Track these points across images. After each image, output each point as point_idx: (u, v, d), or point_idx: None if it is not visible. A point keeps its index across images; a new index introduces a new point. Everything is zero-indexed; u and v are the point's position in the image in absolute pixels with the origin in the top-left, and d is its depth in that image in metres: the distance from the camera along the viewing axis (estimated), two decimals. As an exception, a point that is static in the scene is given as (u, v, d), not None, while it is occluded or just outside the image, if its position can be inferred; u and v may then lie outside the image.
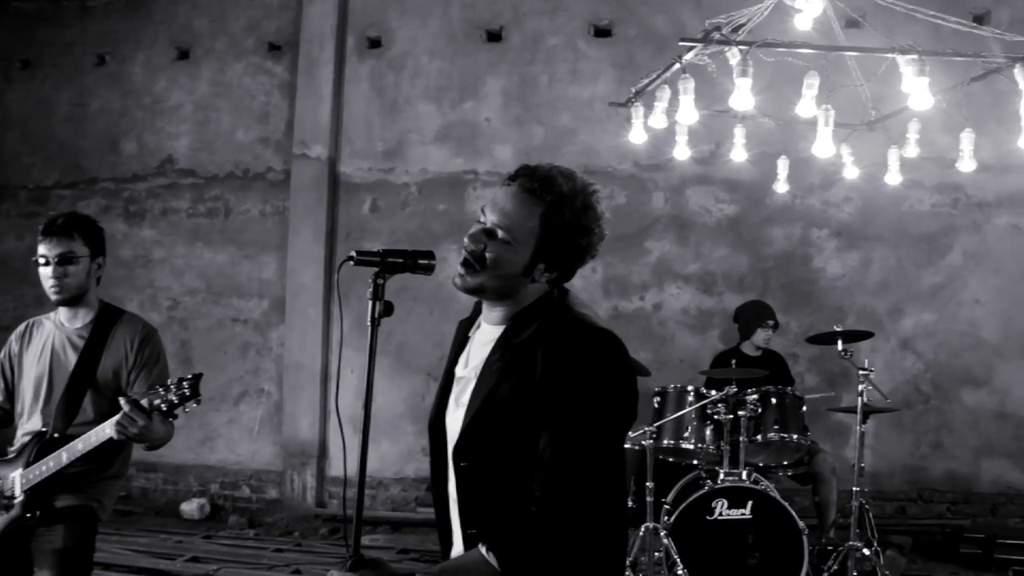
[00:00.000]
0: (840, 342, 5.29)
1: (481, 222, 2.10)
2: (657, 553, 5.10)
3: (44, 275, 3.40)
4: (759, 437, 5.42)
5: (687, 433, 5.44)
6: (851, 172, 5.96)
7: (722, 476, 5.17)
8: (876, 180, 6.22)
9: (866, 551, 5.06)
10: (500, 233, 2.06)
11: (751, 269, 7.30)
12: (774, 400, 5.48)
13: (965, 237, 7.08)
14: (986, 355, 7.02)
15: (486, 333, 2.18)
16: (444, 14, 7.80)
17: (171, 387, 3.08)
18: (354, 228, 7.84)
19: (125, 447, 3.43)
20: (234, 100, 8.20)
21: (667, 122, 4.89)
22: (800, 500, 6.04)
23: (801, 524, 4.99)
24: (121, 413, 3.05)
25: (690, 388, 5.56)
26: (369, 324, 2.12)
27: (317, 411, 7.65)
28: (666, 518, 5.11)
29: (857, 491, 5.12)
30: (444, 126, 7.74)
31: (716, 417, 5.38)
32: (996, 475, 6.97)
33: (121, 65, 8.45)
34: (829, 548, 5.37)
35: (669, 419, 5.45)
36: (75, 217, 3.49)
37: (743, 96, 3.97)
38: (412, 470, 7.39)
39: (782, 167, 6.02)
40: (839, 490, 5.77)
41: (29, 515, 3.28)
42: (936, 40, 5.31)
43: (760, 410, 5.41)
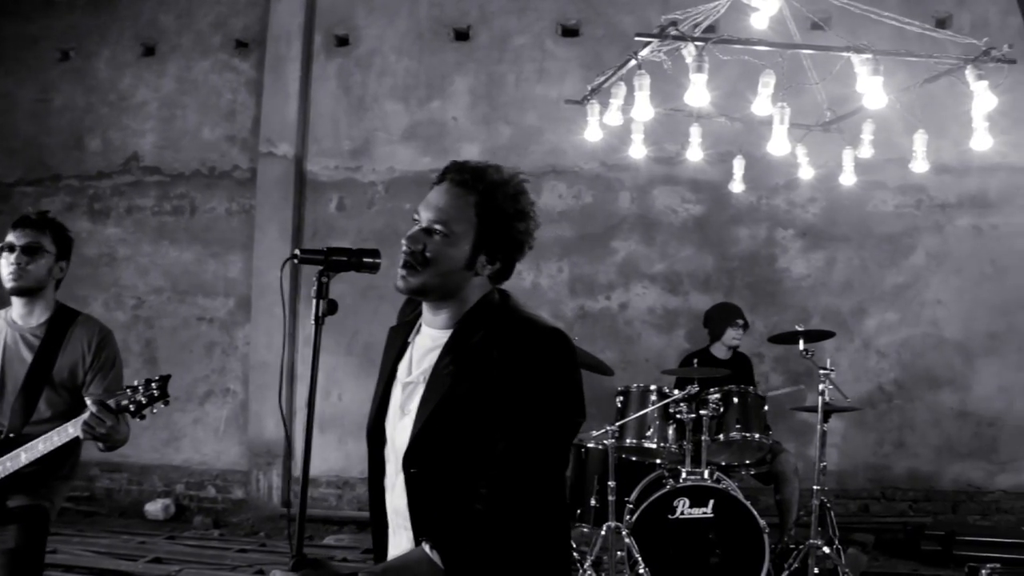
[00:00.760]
0: (802, 342, 5.33)
1: (416, 220, 2.10)
2: (619, 552, 5.11)
3: (6, 262, 3.40)
4: (721, 436, 5.45)
5: (650, 432, 5.45)
6: (806, 172, 6.01)
7: (684, 475, 5.19)
8: (839, 181, 6.27)
9: (826, 549, 5.09)
10: (438, 228, 2.06)
11: (717, 269, 7.33)
12: (736, 399, 5.51)
13: (928, 238, 7.16)
14: (948, 355, 7.10)
15: (429, 338, 2.16)
16: (412, 12, 7.79)
17: (139, 388, 3.09)
18: (321, 227, 7.80)
19: (78, 448, 3.41)
20: (200, 97, 8.14)
21: (622, 119, 4.90)
22: (766, 499, 6.07)
23: (762, 523, 5.02)
24: (89, 413, 3.06)
25: (653, 387, 5.57)
26: (313, 323, 2.11)
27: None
28: (628, 517, 5.13)
29: (818, 489, 5.16)
30: (411, 125, 7.72)
31: (678, 416, 5.39)
32: (957, 473, 7.05)
33: (86, 61, 8.36)
34: (791, 547, 5.40)
35: (632, 418, 5.46)
36: (51, 218, 3.54)
37: (698, 92, 3.98)
38: (379, 470, 7.35)
39: (738, 167, 6.07)
40: (802, 489, 5.81)
41: (-16, 515, 3.26)
42: (901, 43, 5.35)
43: (722, 409, 5.44)
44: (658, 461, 5.57)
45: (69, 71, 8.41)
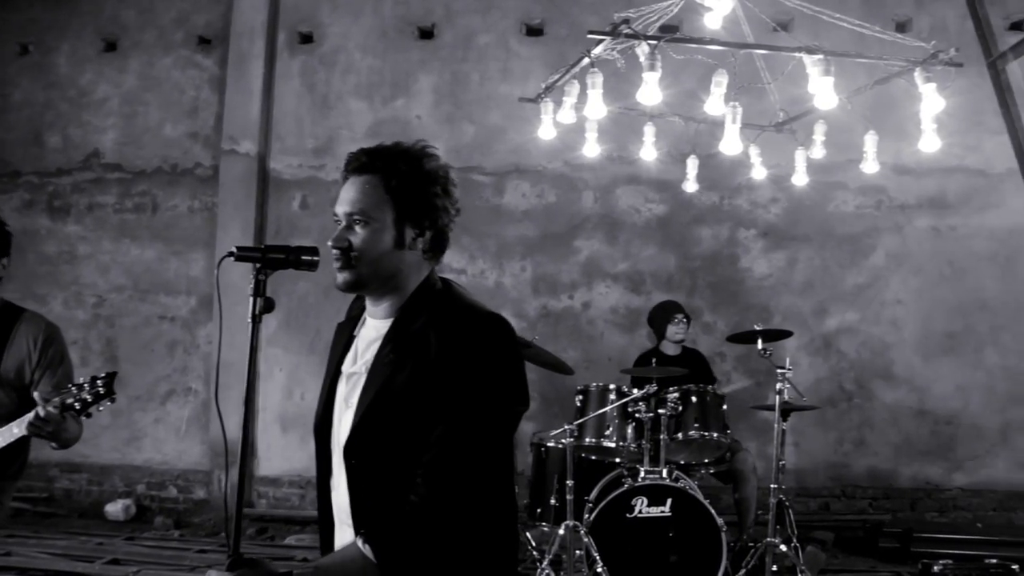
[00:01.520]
0: (760, 341, 5.37)
1: (338, 221, 2.11)
2: (578, 551, 5.12)
3: None
4: (680, 435, 5.47)
5: (609, 431, 5.46)
6: (759, 172, 6.05)
7: (642, 474, 5.21)
8: (792, 181, 6.31)
9: (783, 547, 5.13)
10: (356, 219, 2.07)
11: (679, 268, 7.36)
12: (695, 398, 5.53)
13: (887, 238, 7.23)
14: (907, 354, 7.18)
15: (373, 329, 2.16)
16: (376, 10, 7.76)
17: (84, 386, 3.03)
18: (284, 225, 7.75)
19: (26, 449, 3.36)
20: (162, 94, 8.06)
21: (576, 118, 4.91)
22: (726, 498, 6.10)
23: (720, 521, 5.05)
24: (34, 412, 3.00)
25: (612, 386, 5.57)
26: (249, 321, 2.09)
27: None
28: (587, 516, 5.13)
29: (776, 488, 5.19)
30: (375, 123, 7.68)
31: (637, 415, 5.41)
32: (915, 471, 7.13)
33: (45, 56, 8.26)
34: (749, 545, 5.44)
35: (591, 417, 5.46)
36: None
37: (651, 91, 4.00)
38: (341, 469, 7.31)
39: (692, 166, 6.09)
40: (762, 487, 5.84)
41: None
42: (861, 47, 5.40)
43: (681, 408, 5.46)
44: (617, 460, 5.58)
45: (28, 66, 8.29)
